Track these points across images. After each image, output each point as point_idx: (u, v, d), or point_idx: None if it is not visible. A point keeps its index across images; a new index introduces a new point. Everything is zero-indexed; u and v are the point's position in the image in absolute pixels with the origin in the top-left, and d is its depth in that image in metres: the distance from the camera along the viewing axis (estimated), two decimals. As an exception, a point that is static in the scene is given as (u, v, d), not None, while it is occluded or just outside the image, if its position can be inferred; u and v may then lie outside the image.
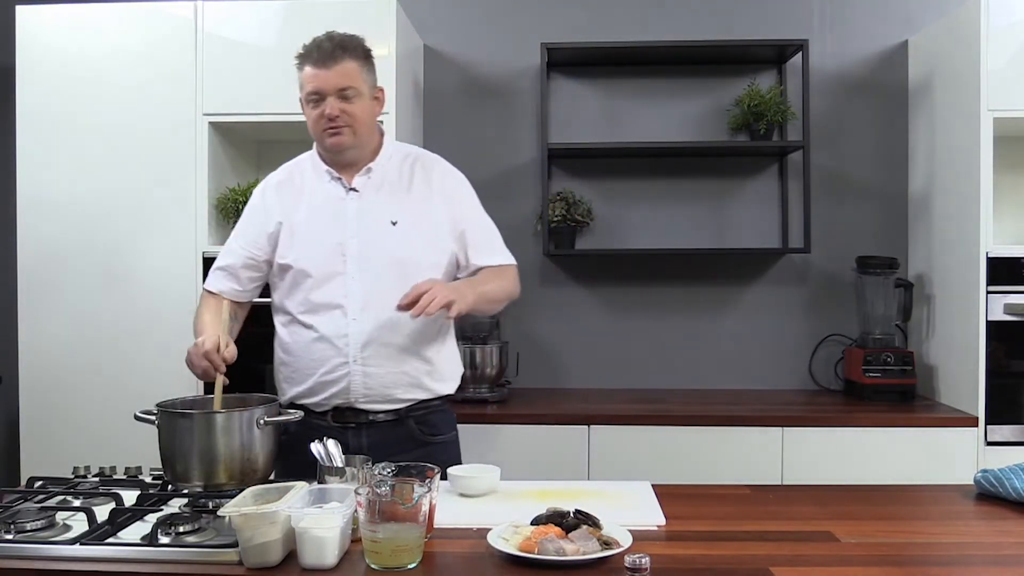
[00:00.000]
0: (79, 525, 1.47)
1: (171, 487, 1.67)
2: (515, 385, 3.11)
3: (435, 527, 1.47)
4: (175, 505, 1.60)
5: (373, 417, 1.91)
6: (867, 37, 3.20)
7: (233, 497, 1.41)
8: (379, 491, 1.35)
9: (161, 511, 1.55)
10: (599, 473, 2.63)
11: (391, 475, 1.50)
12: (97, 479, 1.79)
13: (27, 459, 2.73)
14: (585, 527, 1.39)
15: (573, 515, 1.44)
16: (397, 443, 1.89)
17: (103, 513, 1.50)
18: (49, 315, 2.75)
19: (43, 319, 2.75)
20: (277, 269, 1.94)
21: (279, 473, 1.74)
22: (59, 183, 2.75)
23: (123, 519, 1.50)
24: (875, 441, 2.62)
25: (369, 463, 1.61)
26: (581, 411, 2.77)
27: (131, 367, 2.71)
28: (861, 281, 3.03)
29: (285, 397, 1.94)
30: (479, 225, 2.01)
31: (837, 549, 1.43)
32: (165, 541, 1.40)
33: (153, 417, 1.65)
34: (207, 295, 1.99)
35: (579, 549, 1.32)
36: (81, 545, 1.38)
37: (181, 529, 1.42)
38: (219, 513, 1.40)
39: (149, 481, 1.77)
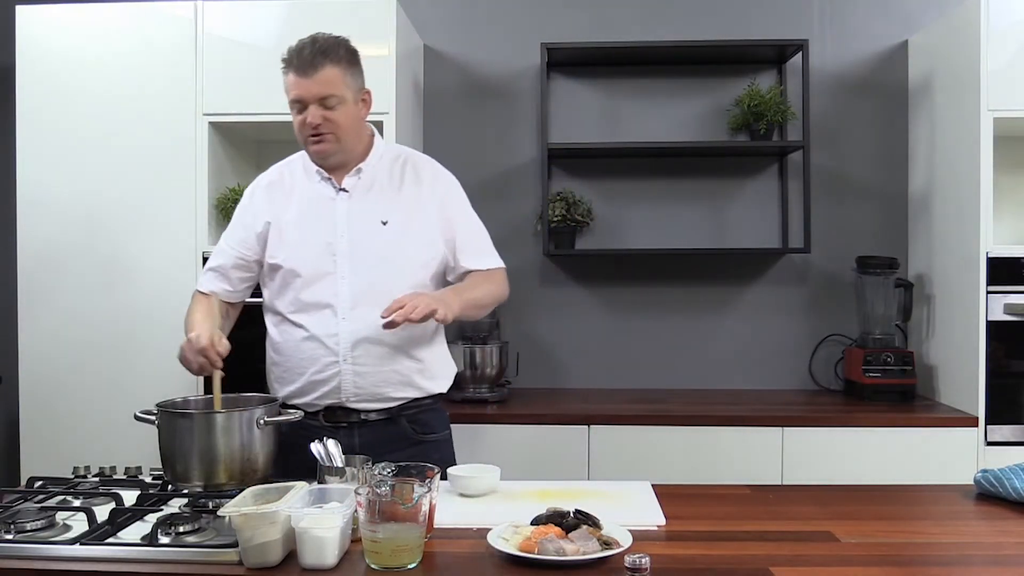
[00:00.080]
0: (79, 525, 1.47)
1: (171, 487, 1.67)
2: (515, 385, 3.11)
3: (435, 527, 1.47)
4: (175, 505, 1.60)
5: (365, 416, 1.91)
6: (867, 37, 3.20)
7: (233, 497, 1.41)
8: (379, 491, 1.35)
9: (161, 511, 1.55)
10: (599, 473, 2.63)
11: (391, 475, 1.51)
12: (97, 479, 1.79)
13: (27, 459, 2.73)
14: (585, 527, 1.39)
15: (573, 515, 1.44)
16: (390, 442, 1.89)
17: (103, 513, 1.50)
18: (49, 315, 2.75)
19: (43, 319, 2.75)
20: (267, 269, 1.94)
21: (279, 473, 1.74)
22: (59, 183, 2.75)
23: (123, 519, 1.50)
24: (875, 441, 2.62)
25: (369, 463, 1.62)
26: (581, 411, 2.77)
27: (131, 367, 2.71)
28: (861, 281, 3.03)
29: (277, 397, 1.94)
30: (469, 227, 2.01)
31: (837, 549, 1.43)
32: (165, 541, 1.40)
33: (153, 417, 1.66)
34: (198, 295, 1.99)
35: (579, 549, 1.32)
36: (81, 545, 1.39)
37: (181, 529, 1.42)
38: (219, 513, 1.40)
39: (149, 481, 1.78)
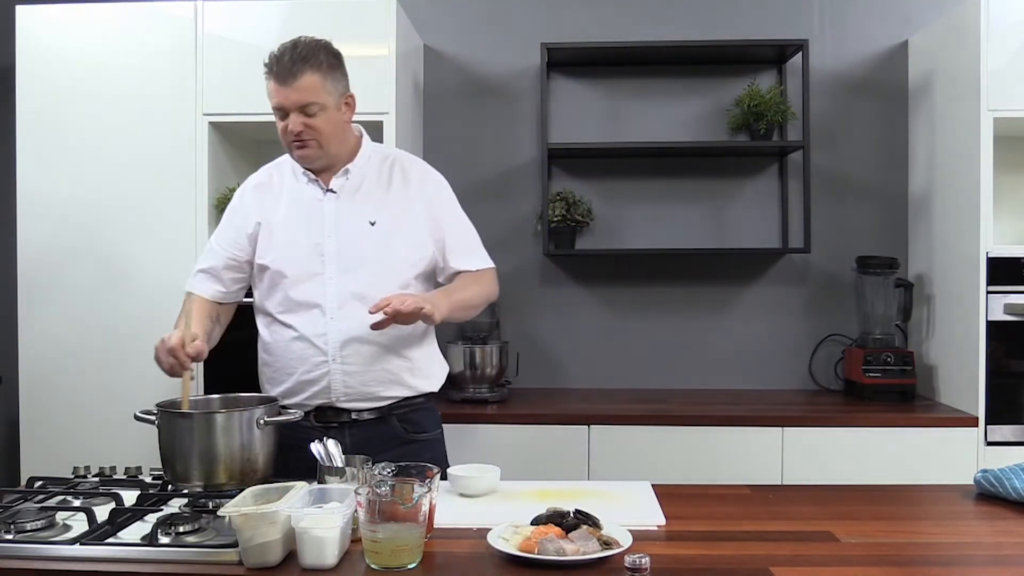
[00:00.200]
0: (79, 525, 1.47)
1: (171, 487, 1.67)
2: (515, 385, 3.11)
3: (435, 527, 1.47)
4: (175, 505, 1.60)
5: (356, 416, 1.91)
6: (867, 37, 3.20)
7: (233, 497, 1.42)
8: (379, 491, 1.35)
9: (161, 511, 1.55)
10: (599, 473, 2.63)
11: (391, 475, 1.51)
12: (97, 479, 1.79)
13: (27, 459, 2.73)
14: (585, 527, 1.39)
15: (573, 515, 1.43)
16: (381, 442, 1.89)
17: (103, 513, 1.50)
18: (49, 315, 2.75)
19: (43, 319, 2.75)
20: (256, 270, 1.95)
21: (279, 473, 1.73)
22: (59, 183, 2.75)
23: (123, 519, 1.50)
24: (875, 441, 2.62)
25: (369, 463, 1.62)
26: (581, 411, 2.77)
27: (131, 367, 2.71)
28: (861, 281, 3.03)
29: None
30: (458, 227, 2.00)
31: (837, 549, 1.43)
32: (165, 541, 1.40)
33: (153, 417, 1.66)
34: (188, 298, 1.98)
35: (579, 549, 1.32)
36: (81, 545, 1.38)
37: (181, 529, 1.42)
38: (219, 513, 1.40)
39: (149, 481, 1.78)
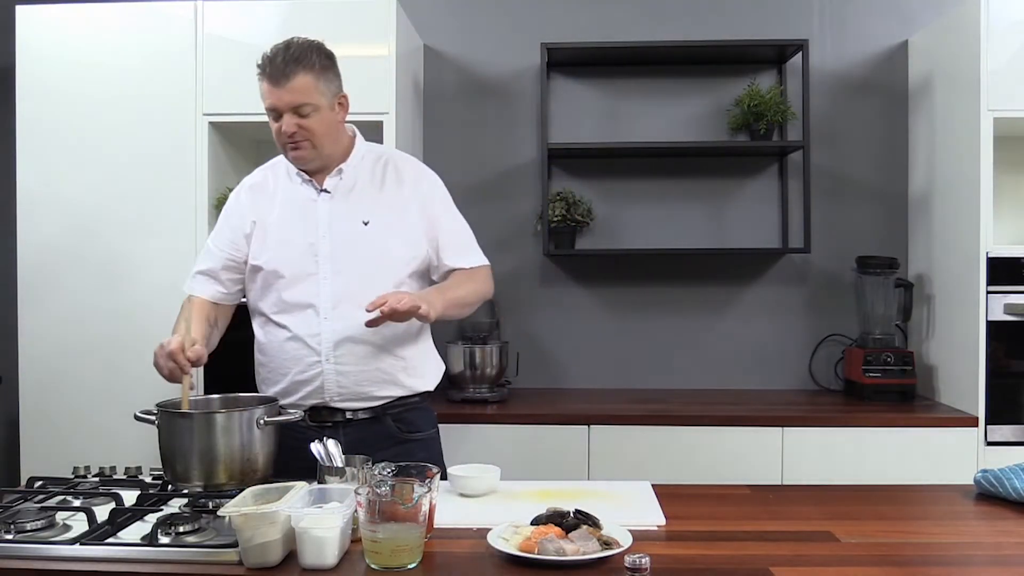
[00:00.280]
0: (79, 525, 1.47)
1: (171, 487, 1.67)
2: (515, 385, 3.11)
3: (435, 527, 1.47)
4: (175, 505, 1.60)
5: (351, 416, 1.91)
6: (867, 37, 3.20)
7: (233, 497, 1.41)
8: (379, 491, 1.35)
9: (161, 511, 1.56)
10: (599, 473, 2.63)
11: (391, 475, 1.51)
12: (97, 479, 1.79)
13: (27, 459, 2.73)
14: (585, 527, 1.39)
15: (573, 515, 1.44)
16: (375, 441, 1.89)
17: (103, 513, 1.50)
18: (49, 315, 2.74)
19: (43, 319, 2.75)
20: (250, 271, 1.95)
21: (279, 473, 1.74)
22: (59, 183, 2.75)
23: (123, 519, 1.50)
24: (875, 441, 2.62)
25: (369, 463, 1.62)
26: (581, 411, 2.76)
27: (131, 367, 2.70)
28: (861, 281, 3.03)
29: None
30: (452, 226, 2.01)
31: (837, 549, 1.43)
32: (165, 541, 1.40)
33: (153, 417, 1.66)
34: (187, 301, 1.97)
35: (579, 549, 1.32)
36: (81, 545, 1.38)
37: (181, 529, 1.42)
38: (219, 513, 1.40)
39: (149, 481, 1.78)
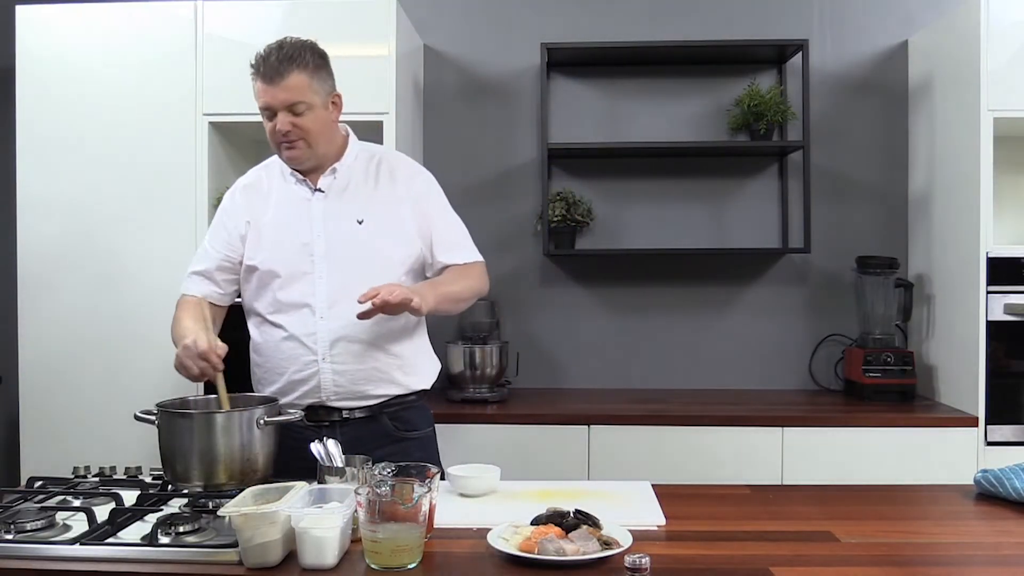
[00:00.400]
0: (79, 525, 1.47)
1: (171, 487, 1.67)
2: (515, 385, 3.11)
3: (435, 527, 1.47)
4: (175, 505, 1.60)
5: (348, 415, 1.92)
6: (867, 37, 3.20)
7: (233, 497, 1.42)
8: (379, 491, 1.35)
9: (161, 511, 1.56)
10: (599, 473, 2.63)
11: (391, 475, 1.51)
12: (97, 479, 1.79)
13: (27, 459, 2.73)
14: (585, 527, 1.39)
15: (573, 515, 1.44)
16: (372, 440, 1.89)
17: (103, 513, 1.50)
18: (49, 315, 2.74)
19: (43, 319, 2.75)
20: (245, 271, 1.95)
21: (278, 473, 1.74)
22: (59, 183, 2.75)
23: (123, 519, 1.50)
24: (875, 441, 2.62)
25: (369, 463, 1.62)
26: (581, 411, 2.76)
27: (131, 367, 2.71)
28: (861, 281, 3.03)
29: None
30: (445, 223, 2.01)
31: (837, 549, 1.43)
32: (165, 541, 1.40)
33: (153, 417, 1.66)
34: (184, 301, 1.97)
35: (579, 549, 1.32)
36: (81, 545, 1.38)
37: (181, 529, 1.42)
38: (219, 513, 1.40)
39: (149, 481, 1.78)
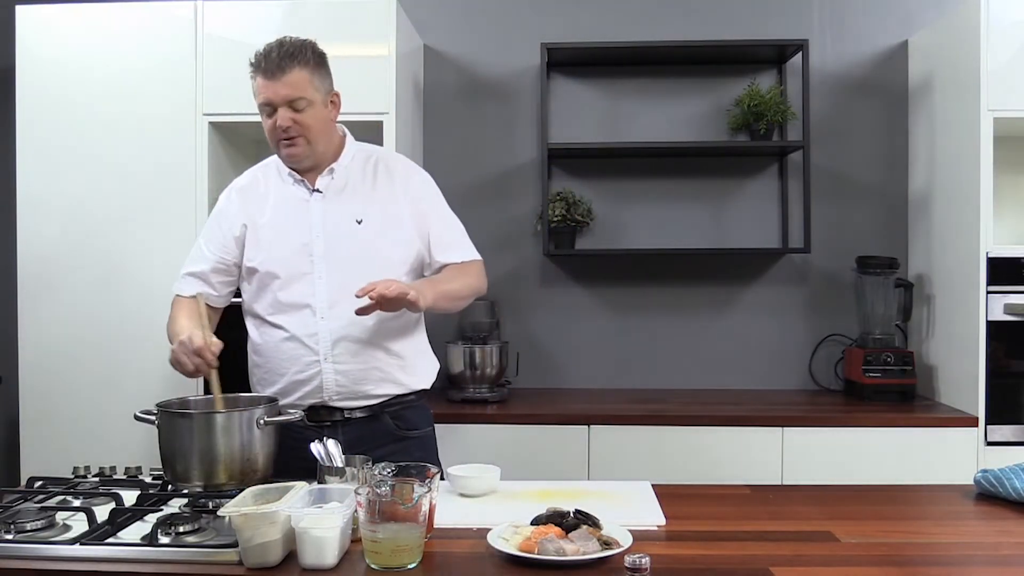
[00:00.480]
0: (79, 525, 1.47)
1: (171, 487, 1.67)
2: (515, 385, 3.11)
3: (435, 527, 1.47)
4: (175, 505, 1.60)
5: (349, 414, 1.92)
6: (867, 37, 3.20)
7: (233, 497, 1.42)
8: (379, 491, 1.35)
9: (161, 511, 1.55)
10: (599, 473, 2.63)
11: (391, 475, 1.51)
12: (97, 479, 1.79)
13: (27, 459, 2.72)
14: (585, 527, 1.39)
15: (573, 515, 1.44)
16: (373, 439, 1.90)
17: (103, 513, 1.50)
18: (49, 315, 2.74)
19: (43, 319, 2.74)
20: (245, 272, 1.96)
21: (278, 473, 1.74)
22: (59, 183, 2.74)
23: (123, 519, 1.50)
24: (875, 441, 2.61)
25: (369, 463, 1.62)
26: (581, 411, 2.76)
27: (131, 367, 2.71)
28: (861, 281, 3.03)
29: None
30: (443, 222, 2.02)
31: (837, 549, 1.43)
32: (165, 541, 1.40)
33: (153, 417, 1.66)
34: (179, 300, 1.97)
35: (579, 549, 1.32)
36: (81, 545, 1.38)
37: (181, 529, 1.42)
38: (219, 513, 1.40)
39: (149, 481, 1.78)
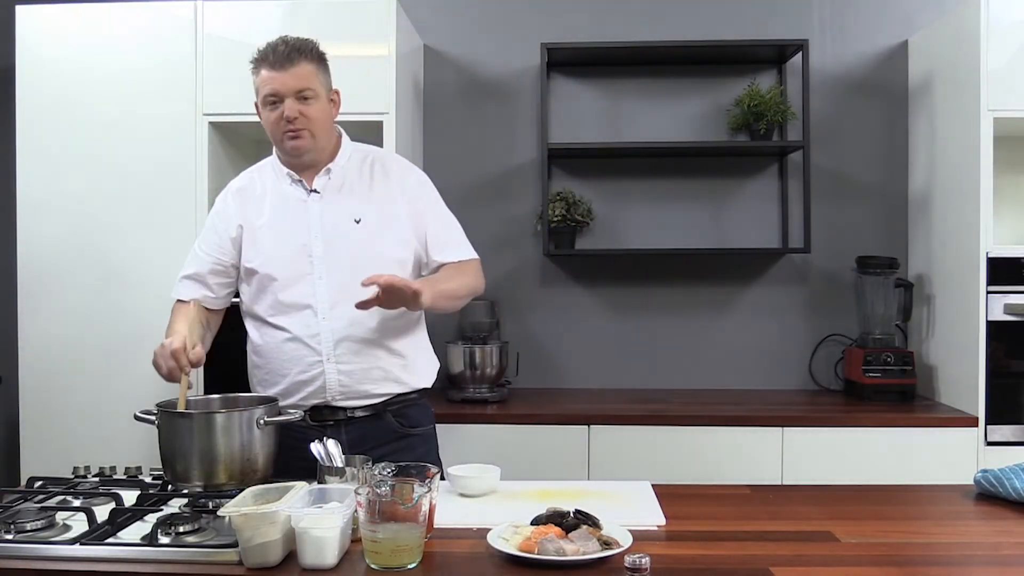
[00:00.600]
0: (79, 525, 1.47)
1: (171, 487, 1.67)
2: (515, 385, 3.11)
3: (435, 527, 1.47)
4: (175, 505, 1.60)
5: (351, 414, 1.92)
6: (867, 37, 3.20)
7: (233, 497, 1.42)
8: (379, 491, 1.35)
9: (161, 511, 1.56)
10: (599, 473, 2.63)
11: (391, 475, 1.51)
12: (97, 479, 1.79)
13: (27, 459, 2.72)
14: (585, 527, 1.39)
15: (573, 515, 1.44)
16: (376, 437, 1.91)
17: (103, 513, 1.50)
18: (49, 315, 2.74)
19: (43, 319, 2.74)
20: (244, 273, 1.95)
21: (278, 473, 1.74)
22: (59, 183, 2.74)
23: (123, 519, 1.50)
24: (875, 441, 2.62)
25: (369, 463, 1.62)
26: (581, 411, 2.76)
27: (131, 367, 2.70)
28: (861, 281, 3.03)
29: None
30: (440, 221, 2.02)
31: (837, 549, 1.43)
32: (165, 541, 1.40)
33: (153, 417, 1.66)
34: (178, 305, 1.96)
35: (579, 549, 1.32)
36: (81, 545, 1.38)
37: (181, 529, 1.42)
38: (219, 513, 1.40)
39: (149, 481, 1.78)
